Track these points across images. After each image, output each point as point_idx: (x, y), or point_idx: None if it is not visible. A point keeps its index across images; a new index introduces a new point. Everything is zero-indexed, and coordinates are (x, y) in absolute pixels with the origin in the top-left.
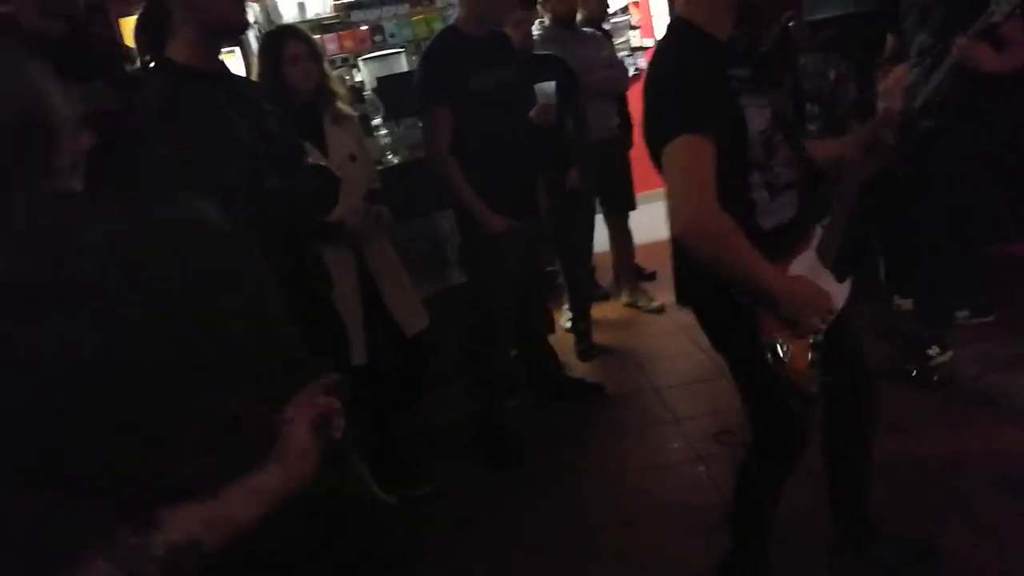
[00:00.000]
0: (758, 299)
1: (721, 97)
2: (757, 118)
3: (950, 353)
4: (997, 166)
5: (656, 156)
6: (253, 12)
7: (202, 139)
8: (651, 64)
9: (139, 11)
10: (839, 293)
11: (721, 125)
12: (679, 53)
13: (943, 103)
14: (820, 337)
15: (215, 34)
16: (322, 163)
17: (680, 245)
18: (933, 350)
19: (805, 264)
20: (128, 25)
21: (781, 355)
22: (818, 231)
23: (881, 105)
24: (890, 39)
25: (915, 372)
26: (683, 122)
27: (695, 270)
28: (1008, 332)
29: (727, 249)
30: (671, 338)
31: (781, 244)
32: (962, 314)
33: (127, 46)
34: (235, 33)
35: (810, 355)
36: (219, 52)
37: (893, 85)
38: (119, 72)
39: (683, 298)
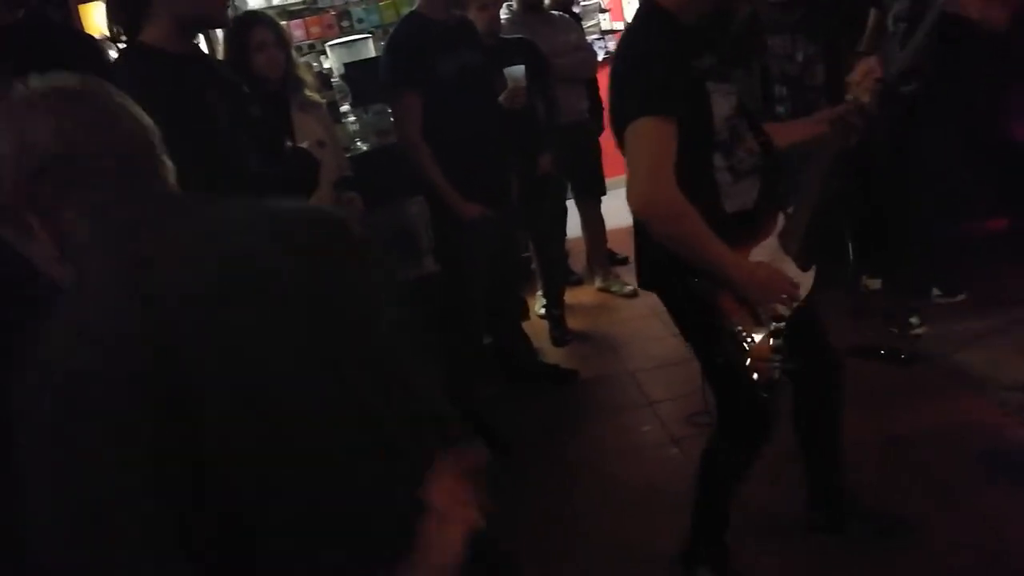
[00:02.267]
0: (717, 282)
1: (686, 81)
2: (723, 104)
3: (924, 327)
4: (972, 140)
5: (620, 136)
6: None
7: (179, 121)
8: (619, 46)
9: None
10: (803, 281)
11: (685, 109)
12: (647, 36)
13: (924, 63)
14: (782, 324)
15: (192, 27)
16: (303, 145)
17: (642, 230)
18: (915, 319)
19: (767, 251)
20: (87, 12)
21: (742, 341)
22: (781, 219)
23: (849, 97)
24: (873, 13)
25: (883, 350)
26: (646, 104)
27: (656, 254)
28: (977, 308)
29: (684, 228)
30: (644, 322)
31: (743, 230)
32: (933, 293)
33: (89, 34)
34: (213, 27)
35: (772, 341)
36: (194, 38)
37: (862, 77)
38: (84, 61)
39: (645, 282)
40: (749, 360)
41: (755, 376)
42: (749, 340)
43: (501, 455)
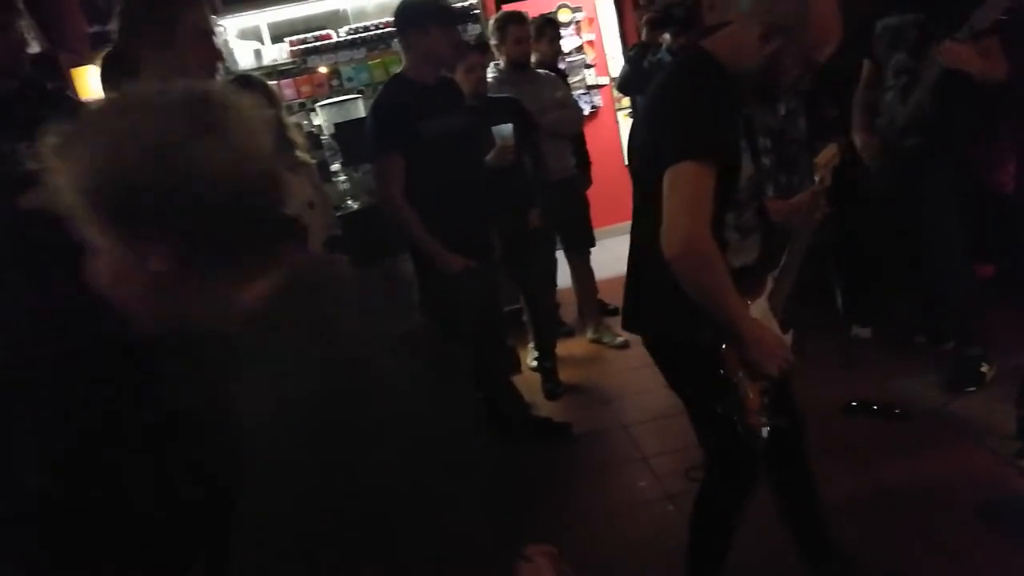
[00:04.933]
0: (724, 336)
1: (731, 131)
2: (749, 164)
3: (995, 368)
4: (963, 188)
5: (648, 176)
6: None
7: None
8: (661, 86)
9: (104, 53)
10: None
11: (724, 159)
12: (700, 81)
13: (926, 118)
14: (768, 383)
15: None
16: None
17: (639, 276)
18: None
19: (758, 311)
20: (80, 75)
21: (741, 397)
22: (769, 281)
23: (816, 177)
24: (866, 65)
25: (876, 406)
26: (694, 147)
27: (659, 304)
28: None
29: (713, 277)
30: (637, 373)
31: (743, 286)
32: (919, 340)
33: (82, 101)
34: None
35: (763, 398)
36: None
37: (827, 161)
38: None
39: (632, 326)
40: (744, 413)
41: (748, 429)
42: (745, 394)
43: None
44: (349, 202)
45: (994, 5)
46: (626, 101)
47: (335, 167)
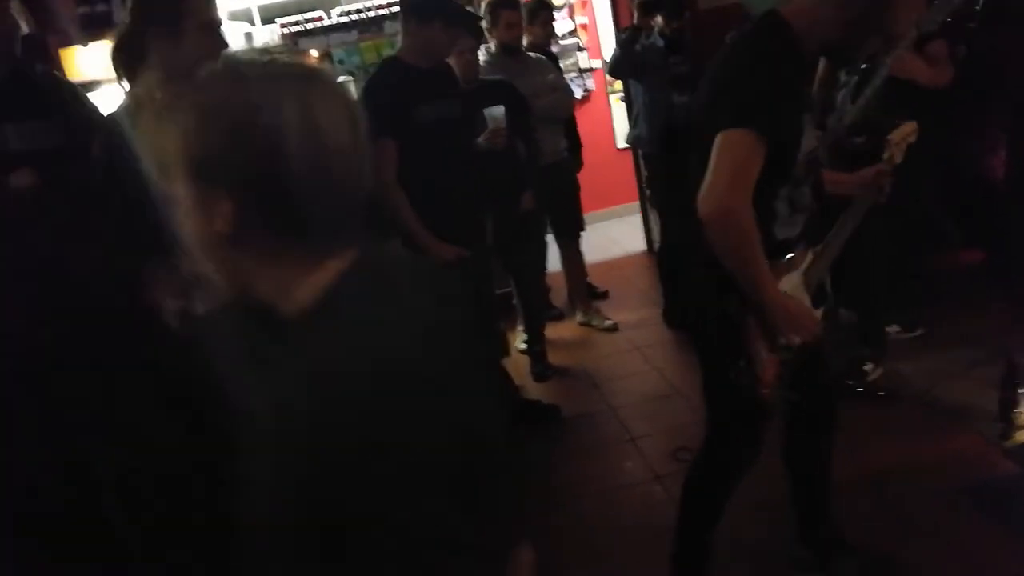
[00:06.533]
0: (749, 305)
1: (793, 108)
2: (810, 139)
3: (880, 370)
4: (934, 178)
5: (699, 136)
6: None
7: None
8: (732, 48)
9: (116, 38)
10: (816, 317)
11: (782, 135)
12: (771, 49)
13: (874, 118)
14: (790, 356)
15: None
16: None
17: (673, 262)
18: (868, 366)
19: (791, 283)
20: (68, 55)
21: (754, 367)
22: (809, 255)
23: (886, 155)
24: (822, 63)
25: (860, 387)
26: (747, 116)
27: (696, 280)
28: (950, 343)
29: (745, 244)
30: (625, 356)
31: (780, 258)
32: (892, 329)
33: (70, 82)
34: None
35: (779, 369)
36: None
37: (901, 139)
38: (66, 109)
39: (673, 316)
40: (756, 384)
41: (758, 401)
42: (760, 366)
43: None
44: None
45: (940, 9)
46: (618, 84)
47: None
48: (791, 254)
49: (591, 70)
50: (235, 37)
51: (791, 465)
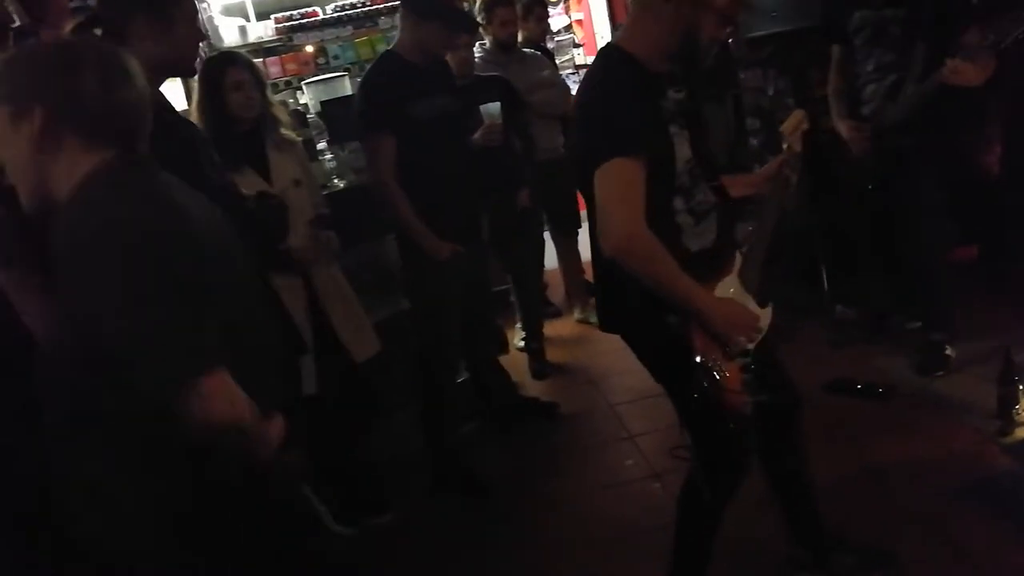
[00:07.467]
0: (688, 317)
1: (653, 123)
2: (684, 147)
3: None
4: (948, 174)
5: (585, 177)
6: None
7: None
8: (582, 88)
9: (79, 20)
10: (763, 317)
11: (651, 150)
12: (613, 77)
13: (919, 121)
14: (750, 359)
15: (161, 74)
16: (269, 191)
17: (603, 273)
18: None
19: (728, 288)
20: None
21: (716, 376)
22: (738, 258)
23: (784, 144)
24: (835, 50)
25: (860, 384)
26: (616, 145)
27: (622, 296)
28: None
29: (657, 266)
30: (623, 354)
31: (706, 267)
32: (893, 321)
33: None
34: (182, 76)
35: (742, 375)
36: (160, 85)
37: (793, 128)
38: None
39: (610, 326)
40: (724, 395)
41: (729, 411)
42: (721, 373)
43: (480, 497)
44: (336, 180)
45: (1017, 19)
46: None
47: (321, 145)
48: (717, 261)
49: (587, 67)
50: (229, 33)
51: (770, 470)
